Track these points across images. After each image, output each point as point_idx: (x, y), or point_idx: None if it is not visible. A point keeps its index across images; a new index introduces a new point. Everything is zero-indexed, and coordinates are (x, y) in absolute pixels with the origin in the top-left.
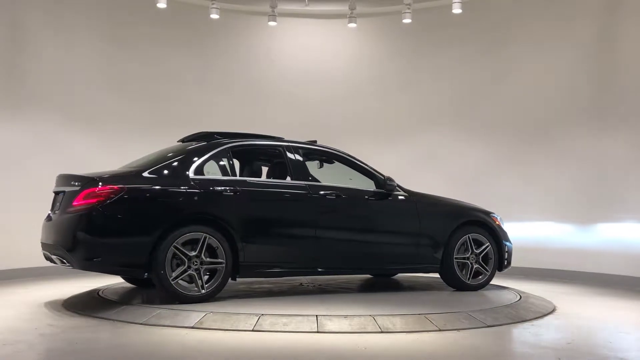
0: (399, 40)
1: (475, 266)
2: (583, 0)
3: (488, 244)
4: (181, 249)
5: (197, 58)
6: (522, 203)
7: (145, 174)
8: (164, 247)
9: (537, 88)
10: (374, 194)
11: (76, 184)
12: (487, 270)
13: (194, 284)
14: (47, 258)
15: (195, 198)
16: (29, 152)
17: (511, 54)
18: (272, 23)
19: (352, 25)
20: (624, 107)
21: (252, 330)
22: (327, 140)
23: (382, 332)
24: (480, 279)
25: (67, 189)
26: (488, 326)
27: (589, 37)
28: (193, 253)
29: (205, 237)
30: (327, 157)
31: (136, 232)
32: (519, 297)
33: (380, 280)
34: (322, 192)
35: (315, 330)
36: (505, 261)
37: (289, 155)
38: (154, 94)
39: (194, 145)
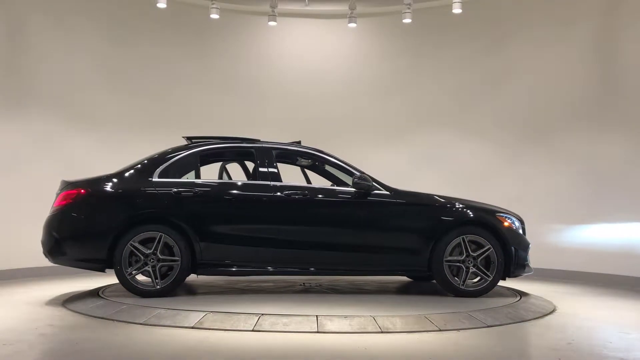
0: (399, 40)
1: (472, 270)
2: (583, 1)
3: (489, 246)
4: (138, 246)
5: (197, 58)
6: (522, 203)
7: (116, 177)
8: (121, 245)
9: (537, 88)
10: (350, 193)
11: (60, 188)
12: (487, 276)
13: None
14: None
15: (152, 199)
16: (28, 152)
17: (511, 54)
18: (272, 23)
19: (352, 25)
20: (624, 107)
21: (252, 330)
22: (327, 140)
23: (382, 332)
24: (478, 284)
25: (58, 192)
26: (488, 326)
27: (589, 37)
28: (149, 251)
29: (160, 236)
30: (302, 156)
31: (95, 230)
32: (519, 297)
33: (380, 281)
34: (286, 192)
35: (316, 330)
36: (514, 266)
37: (259, 156)
38: (154, 94)
39: (166, 149)
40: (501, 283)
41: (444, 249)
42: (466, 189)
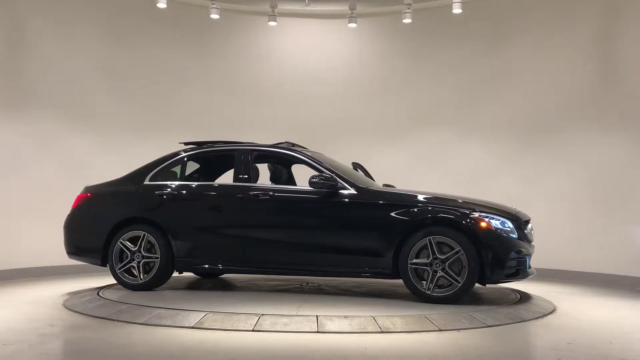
0: (399, 40)
1: (439, 274)
2: (583, 1)
3: (459, 248)
4: (126, 244)
5: (197, 58)
6: (522, 203)
7: (117, 182)
8: (112, 243)
9: (537, 88)
10: (314, 193)
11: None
12: (457, 282)
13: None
14: None
15: (139, 201)
16: (28, 152)
17: (511, 54)
18: (272, 23)
19: (352, 25)
20: (624, 106)
21: (252, 330)
22: (327, 140)
23: (382, 332)
24: (446, 290)
25: None
26: (488, 326)
27: (589, 37)
28: (135, 248)
29: (144, 235)
30: (277, 157)
31: (94, 229)
32: (519, 297)
33: (380, 281)
34: (253, 193)
35: (316, 330)
36: (490, 271)
37: (237, 158)
38: (154, 94)
39: (161, 156)
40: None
41: (408, 251)
42: (466, 189)
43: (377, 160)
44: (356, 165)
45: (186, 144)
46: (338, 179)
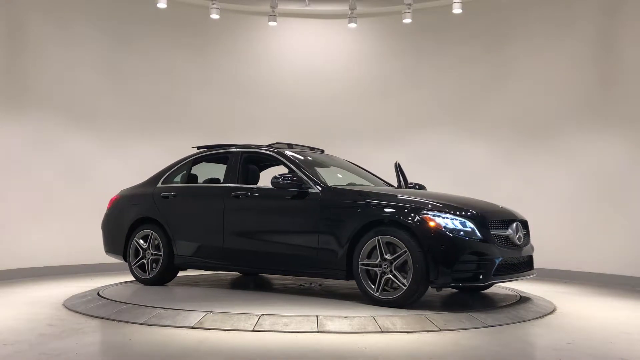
0: (399, 40)
1: (387, 276)
2: (583, 1)
3: (405, 249)
4: (139, 242)
5: (197, 58)
6: (522, 203)
7: (140, 185)
8: (130, 241)
9: (537, 88)
10: (287, 193)
11: None
12: (402, 284)
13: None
14: None
15: (149, 202)
16: (29, 152)
17: (511, 54)
18: (272, 23)
19: (352, 25)
20: (625, 106)
21: (253, 330)
22: (327, 140)
23: (382, 332)
24: (394, 293)
25: None
26: (488, 326)
27: (589, 37)
28: (146, 246)
29: (151, 234)
30: (262, 158)
31: (117, 228)
32: (519, 297)
33: None
34: (234, 194)
35: (316, 330)
36: (434, 274)
37: (230, 160)
38: (153, 94)
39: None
40: (503, 284)
41: (359, 251)
42: (466, 189)
43: (376, 160)
44: (396, 166)
45: (199, 148)
46: (305, 177)
